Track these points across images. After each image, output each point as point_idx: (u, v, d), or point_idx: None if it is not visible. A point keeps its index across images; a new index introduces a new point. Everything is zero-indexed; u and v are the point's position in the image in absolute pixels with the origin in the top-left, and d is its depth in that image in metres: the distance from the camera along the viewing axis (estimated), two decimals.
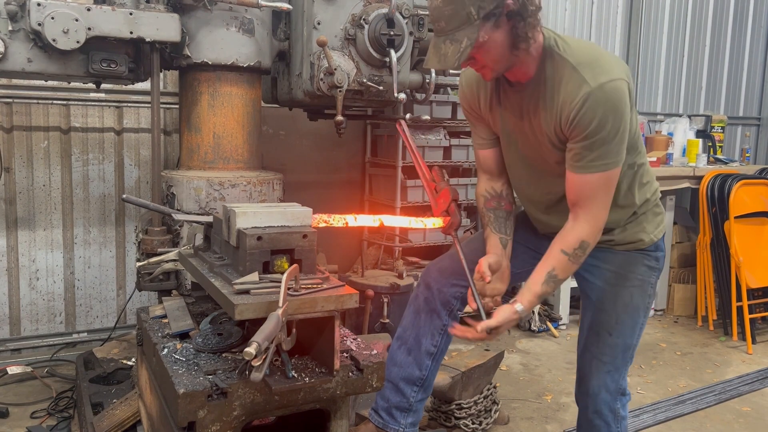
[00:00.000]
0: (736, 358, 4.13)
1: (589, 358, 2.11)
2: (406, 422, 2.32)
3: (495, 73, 1.86)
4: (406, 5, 2.65)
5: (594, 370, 2.09)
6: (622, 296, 2.06)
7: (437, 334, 2.27)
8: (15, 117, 3.44)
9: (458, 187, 4.22)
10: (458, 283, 2.22)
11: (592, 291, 2.12)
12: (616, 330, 2.06)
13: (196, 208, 2.55)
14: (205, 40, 2.55)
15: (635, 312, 2.07)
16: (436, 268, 2.30)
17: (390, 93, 2.66)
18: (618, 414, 2.12)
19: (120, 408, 2.57)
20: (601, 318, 2.08)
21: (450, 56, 1.74)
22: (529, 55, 1.82)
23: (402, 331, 2.33)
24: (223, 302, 1.68)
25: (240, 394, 1.67)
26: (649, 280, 2.07)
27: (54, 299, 3.67)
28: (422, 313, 2.27)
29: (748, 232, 4.53)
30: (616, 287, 2.06)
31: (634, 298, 2.06)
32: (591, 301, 2.13)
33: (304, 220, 1.87)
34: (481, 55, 1.76)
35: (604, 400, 2.09)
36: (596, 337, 2.09)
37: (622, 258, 2.06)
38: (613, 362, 2.08)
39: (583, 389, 2.15)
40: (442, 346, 2.29)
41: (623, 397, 2.13)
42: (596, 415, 2.12)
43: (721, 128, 5.60)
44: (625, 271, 2.05)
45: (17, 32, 2.30)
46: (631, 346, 2.09)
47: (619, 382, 2.10)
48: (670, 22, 5.82)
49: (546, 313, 4.51)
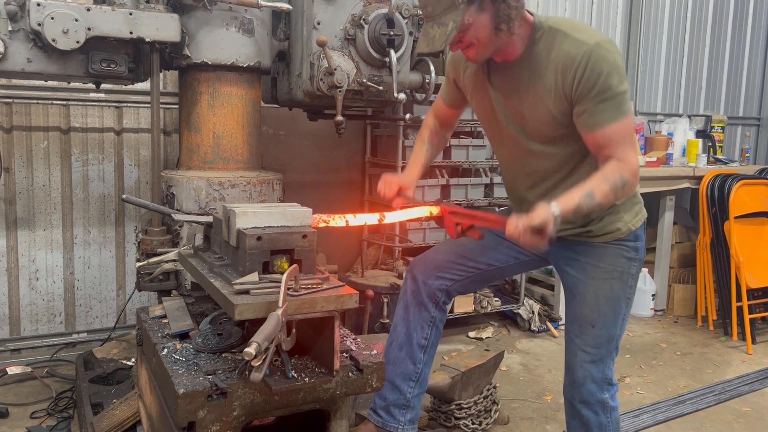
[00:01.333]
0: (736, 358, 4.13)
1: (574, 350, 2.15)
2: (405, 419, 2.36)
3: (481, 56, 1.93)
4: (405, 5, 2.65)
5: (579, 361, 2.13)
6: (602, 288, 2.09)
7: (426, 326, 2.33)
8: (15, 117, 3.44)
9: (458, 187, 4.23)
10: (443, 276, 2.30)
11: (573, 284, 2.17)
12: (599, 322, 2.10)
13: (196, 208, 2.55)
14: (205, 40, 2.55)
15: (616, 303, 2.10)
16: (421, 261, 2.37)
17: (390, 93, 2.66)
18: (606, 404, 2.15)
19: (120, 408, 2.57)
20: (584, 311, 2.12)
21: (437, 39, 1.84)
22: (514, 36, 1.89)
23: (393, 328, 2.40)
24: (223, 302, 1.68)
25: (240, 394, 1.67)
26: (628, 271, 2.10)
27: (54, 299, 3.67)
28: (410, 306, 2.33)
29: (748, 232, 4.53)
30: (596, 280, 2.10)
31: (614, 290, 2.09)
32: (573, 294, 2.18)
33: (303, 220, 1.87)
34: (468, 37, 1.85)
35: (590, 391, 2.12)
36: (580, 330, 2.13)
37: (601, 251, 2.09)
38: (598, 353, 2.11)
39: (569, 380, 2.18)
40: (433, 339, 2.36)
41: (611, 387, 2.16)
42: (583, 405, 2.15)
43: (721, 128, 5.60)
44: (604, 263, 2.09)
45: (17, 32, 2.30)
46: (614, 336, 2.13)
47: (605, 372, 2.13)
48: (670, 22, 5.82)
49: (546, 313, 4.51)
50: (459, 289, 2.36)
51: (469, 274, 2.30)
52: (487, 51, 1.92)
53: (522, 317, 4.44)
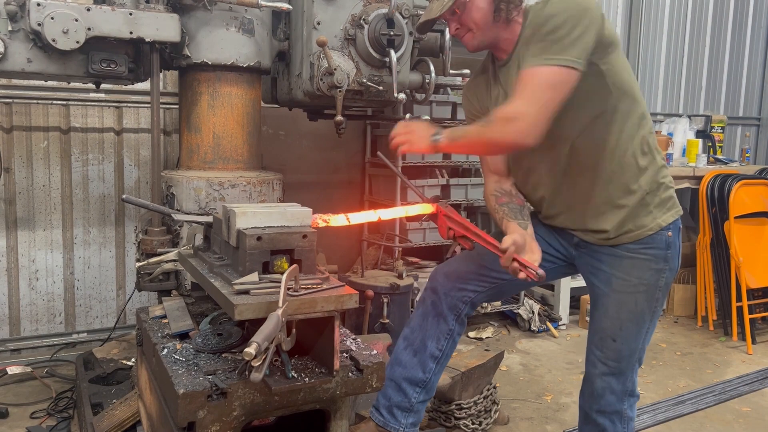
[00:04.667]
0: (736, 358, 4.13)
1: (593, 361, 2.11)
2: (407, 422, 2.33)
3: (479, 41, 1.94)
4: (406, 5, 2.65)
5: (599, 372, 2.08)
6: (626, 303, 2.01)
7: (443, 338, 2.27)
8: (15, 117, 3.44)
9: (458, 188, 4.23)
10: (465, 287, 2.22)
11: (597, 295, 2.10)
12: (620, 336, 2.03)
13: (196, 208, 2.55)
14: (205, 41, 2.55)
15: (640, 318, 2.03)
16: (443, 273, 2.29)
17: (390, 93, 2.66)
18: (624, 414, 2.11)
19: (120, 408, 2.57)
20: (605, 324, 2.06)
21: (434, 9, 1.89)
22: (512, 22, 1.90)
23: (410, 332, 2.33)
24: (223, 302, 1.68)
25: (240, 394, 1.67)
26: (656, 284, 2.01)
27: (54, 299, 3.67)
28: (429, 316, 2.27)
29: (748, 233, 4.53)
30: (621, 294, 2.02)
31: (638, 305, 2.01)
32: (596, 305, 2.11)
33: (303, 220, 1.87)
34: (466, 16, 1.88)
35: (609, 402, 2.08)
36: (600, 342, 2.08)
37: (628, 262, 2.00)
38: (618, 366, 2.06)
39: (588, 390, 2.14)
40: (447, 350, 2.30)
41: (631, 398, 2.12)
42: (600, 414, 2.11)
43: (721, 128, 5.60)
44: (630, 276, 2.00)
45: (17, 32, 2.30)
46: (636, 350, 2.06)
47: (625, 384, 2.09)
48: (670, 22, 5.82)
49: (546, 313, 4.51)
50: (483, 300, 2.29)
51: (493, 284, 2.22)
52: (485, 37, 1.91)
53: (522, 317, 4.44)
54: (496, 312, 4.41)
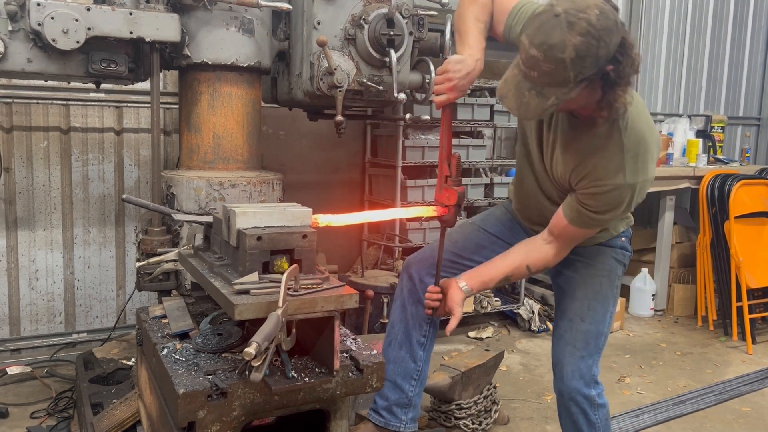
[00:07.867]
0: (736, 358, 4.14)
1: (562, 345, 2.19)
2: (407, 418, 2.38)
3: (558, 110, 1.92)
4: (406, 5, 2.65)
5: (568, 356, 2.16)
6: (592, 285, 2.19)
7: (425, 323, 2.36)
8: (15, 117, 3.44)
9: None
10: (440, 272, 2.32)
11: (564, 281, 2.25)
12: (588, 316, 2.16)
13: (196, 208, 2.55)
14: (205, 40, 2.55)
15: (605, 300, 2.19)
16: (416, 259, 2.40)
17: (390, 93, 2.66)
18: (594, 401, 2.17)
19: (120, 408, 2.57)
20: (574, 305, 2.19)
21: (532, 109, 1.72)
22: None
23: (390, 327, 2.41)
24: (223, 302, 1.68)
25: (240, 394, 1.67)
26: (615, 272, 2.22)
27: (54, 299, 3.67)
28: (408, 305, 2.35)
29: (748, 233, 4.53)
30: (587, 277, 2.20)
31: (603, 287, 2.19)
32: (563, 290, 2.25)
33: (303, 220, 1.87)
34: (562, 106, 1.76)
35: (578, 387, 2.14)
36: (569, 324, 2.18)
37: (593, 249, 2.20)
38: (586, 348, 2.15)
39: (558, 376, 2.21)
40: (431, 335, 2.39)
41: (597, 385, 2.19)
42: (572, 402, 2.17)
43: (721, 128, 5.60)
44: (595, 261, 2.20)
45: (17, 32, 2.30)
46: (602, 333, 2.18)
47: (592, 368, 2.17)
48: (670, 22, 5.82)
49: (546, 313, 4.51)
50: None
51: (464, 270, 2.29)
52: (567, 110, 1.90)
53: (522, 317, 4.45)
54: (496, 312, 4.41)
